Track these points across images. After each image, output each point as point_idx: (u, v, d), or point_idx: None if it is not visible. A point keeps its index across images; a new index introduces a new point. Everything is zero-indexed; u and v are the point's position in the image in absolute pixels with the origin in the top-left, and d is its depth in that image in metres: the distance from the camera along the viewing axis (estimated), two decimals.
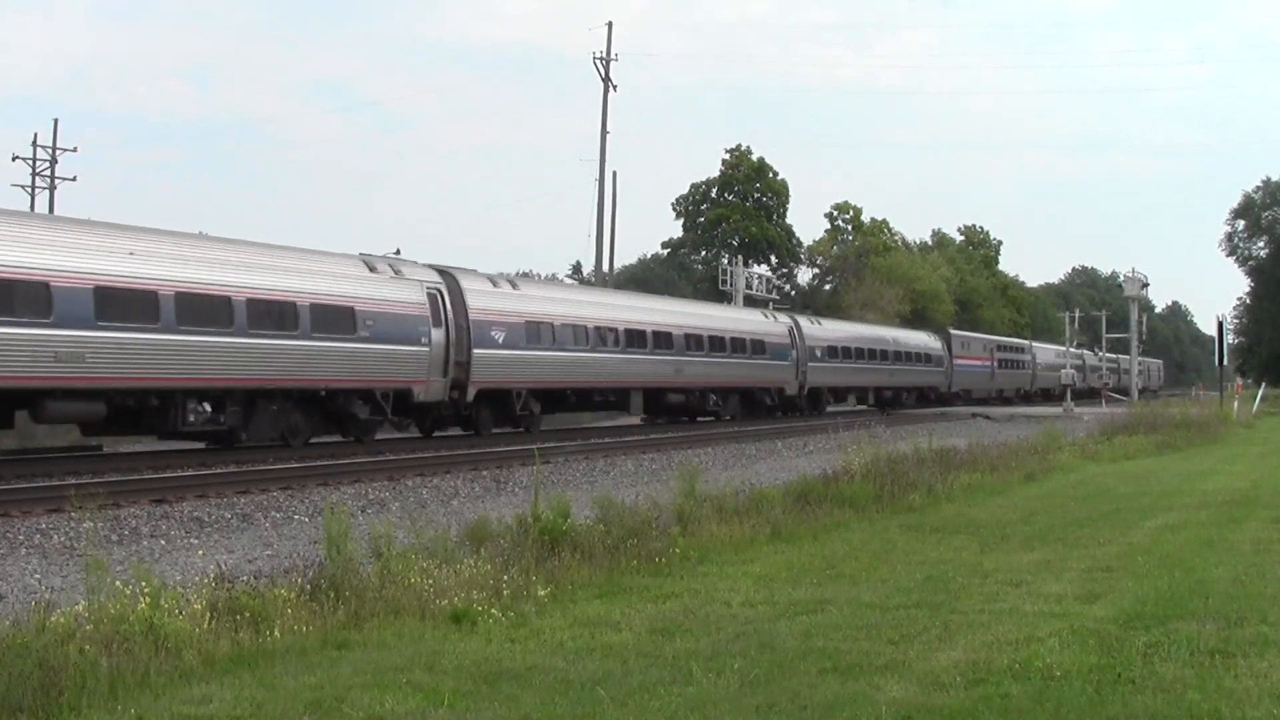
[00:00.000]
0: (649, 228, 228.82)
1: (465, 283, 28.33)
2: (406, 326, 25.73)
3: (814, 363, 45.49)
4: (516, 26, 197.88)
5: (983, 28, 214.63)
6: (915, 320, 73.83)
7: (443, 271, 28.20)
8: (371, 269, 25.93)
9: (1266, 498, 16.94)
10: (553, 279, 70.78)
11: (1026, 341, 78.34)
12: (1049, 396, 74.53)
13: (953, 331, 63.72)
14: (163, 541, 13.28)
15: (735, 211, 76.10)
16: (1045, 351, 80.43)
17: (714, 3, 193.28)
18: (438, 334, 26.46)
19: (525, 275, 57.13)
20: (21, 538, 13.10)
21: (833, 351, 47.72)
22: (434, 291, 26.86)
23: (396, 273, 26.45)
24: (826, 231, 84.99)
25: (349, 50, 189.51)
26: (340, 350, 23.94)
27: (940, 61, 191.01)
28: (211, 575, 9.21)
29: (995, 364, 68.09)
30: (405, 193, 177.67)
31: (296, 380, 23.28)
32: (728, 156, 78.46)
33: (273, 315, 22.66)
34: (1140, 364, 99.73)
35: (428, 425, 28.14)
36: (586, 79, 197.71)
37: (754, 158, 77.81)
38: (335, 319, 23.95)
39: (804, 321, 46.86)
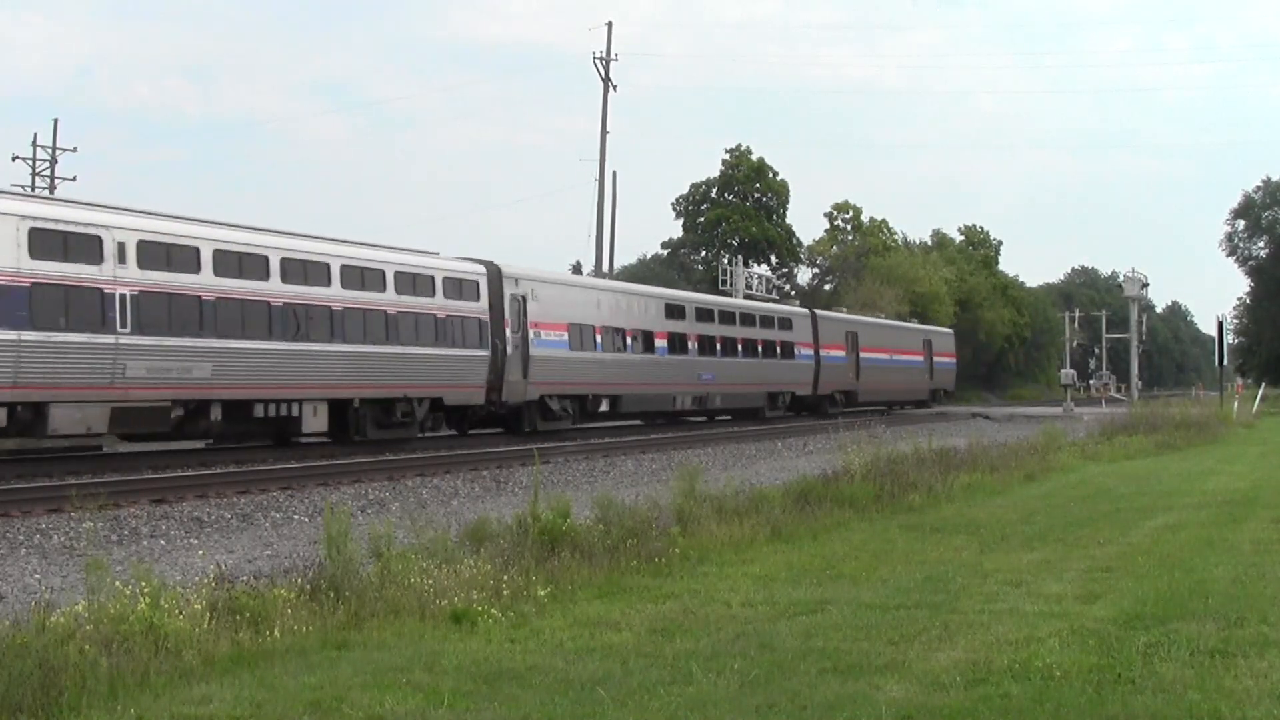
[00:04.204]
0: (649, 228, 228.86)
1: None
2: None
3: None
4: (518, 25, 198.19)
5: (987, 28, 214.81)
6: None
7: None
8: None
9: (1266, 498, 16.94)
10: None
11: (805, 310, 49.02)
12: (804, 407, 46.01)
13: (513, 278, 30.25)
14: (163, 541, 13.29)
15: (735, 211, 76.10)
16: (831, 324, 49.22)
17: (718, 2, 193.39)
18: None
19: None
20: (21, 538, 13.11)
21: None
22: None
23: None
24: (826, 231, 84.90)
25: (350, 50, 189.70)
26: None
27: (944, 62, 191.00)
28: (211, 575, 9.20)
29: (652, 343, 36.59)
30: (406, 192, 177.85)
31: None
32: (728, 156, 78.50)
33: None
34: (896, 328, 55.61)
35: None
36: (587, 79, 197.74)
37: (754, 158, 77.83)
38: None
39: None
